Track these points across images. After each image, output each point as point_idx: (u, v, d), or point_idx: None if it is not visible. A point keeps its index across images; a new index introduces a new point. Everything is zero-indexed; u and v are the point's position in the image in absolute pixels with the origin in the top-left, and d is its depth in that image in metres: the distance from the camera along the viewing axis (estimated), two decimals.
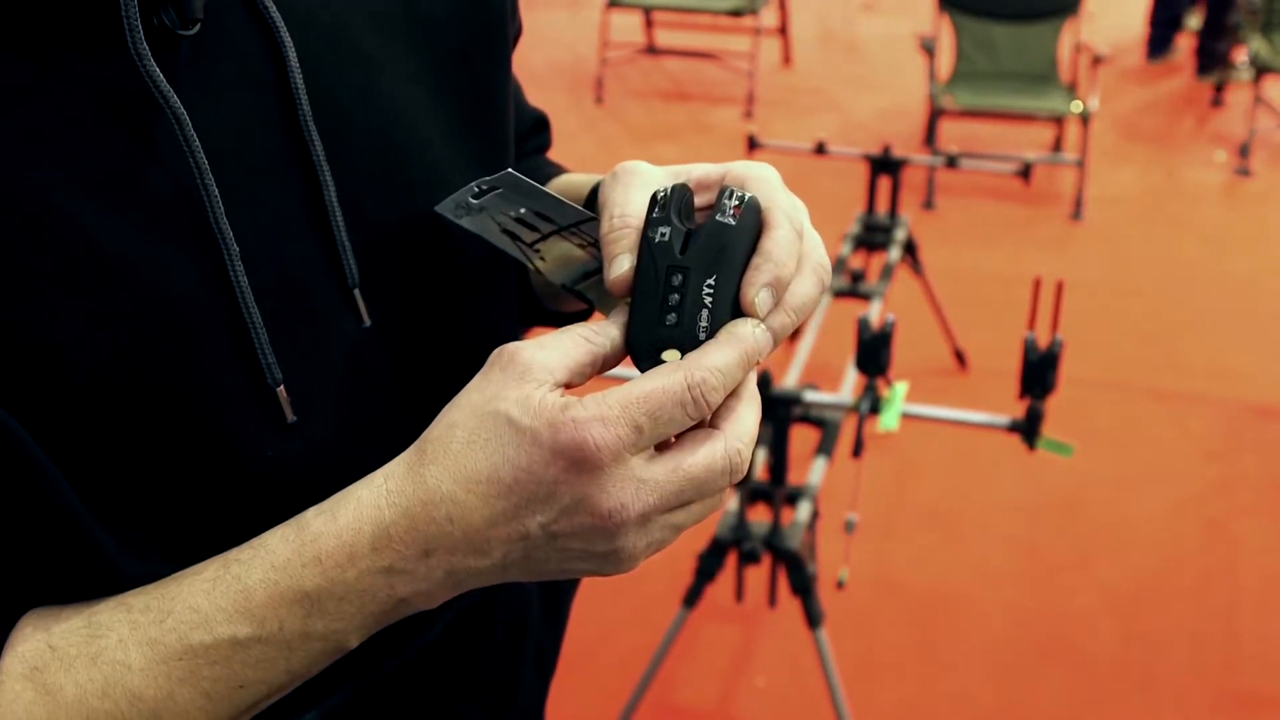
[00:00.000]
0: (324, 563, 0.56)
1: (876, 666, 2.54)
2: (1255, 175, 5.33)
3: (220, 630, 0.55)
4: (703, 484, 0.56)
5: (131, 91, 0.56)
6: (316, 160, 0.62)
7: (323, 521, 0.57)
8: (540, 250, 0.66)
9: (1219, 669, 2.55)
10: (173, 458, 0.58)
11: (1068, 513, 3.06)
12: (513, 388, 0.55)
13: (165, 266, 0.57)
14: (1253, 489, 3.17)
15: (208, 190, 0.57)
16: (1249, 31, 5.67)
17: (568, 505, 0.55)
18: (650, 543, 0.57)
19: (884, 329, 2.05)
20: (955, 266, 4.18)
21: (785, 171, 0.63)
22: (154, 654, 0.55)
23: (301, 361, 0.61)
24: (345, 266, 0.63)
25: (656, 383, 0.55)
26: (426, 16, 0.70)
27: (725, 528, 2.17)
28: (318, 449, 0.62)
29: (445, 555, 0.56)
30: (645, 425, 0.54)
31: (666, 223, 0.59)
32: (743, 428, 0.58)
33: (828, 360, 3.23)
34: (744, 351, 0.57)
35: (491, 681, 0.81)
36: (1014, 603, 2.75)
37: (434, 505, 0.55)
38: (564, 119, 6.00)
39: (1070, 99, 5.03)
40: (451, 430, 0.56)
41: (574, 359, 0.58)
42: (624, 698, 2.31)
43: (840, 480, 2.57)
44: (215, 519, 0.60)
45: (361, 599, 0.56)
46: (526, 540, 0.56)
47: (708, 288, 0.58)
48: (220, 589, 0.56)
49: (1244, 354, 3.83)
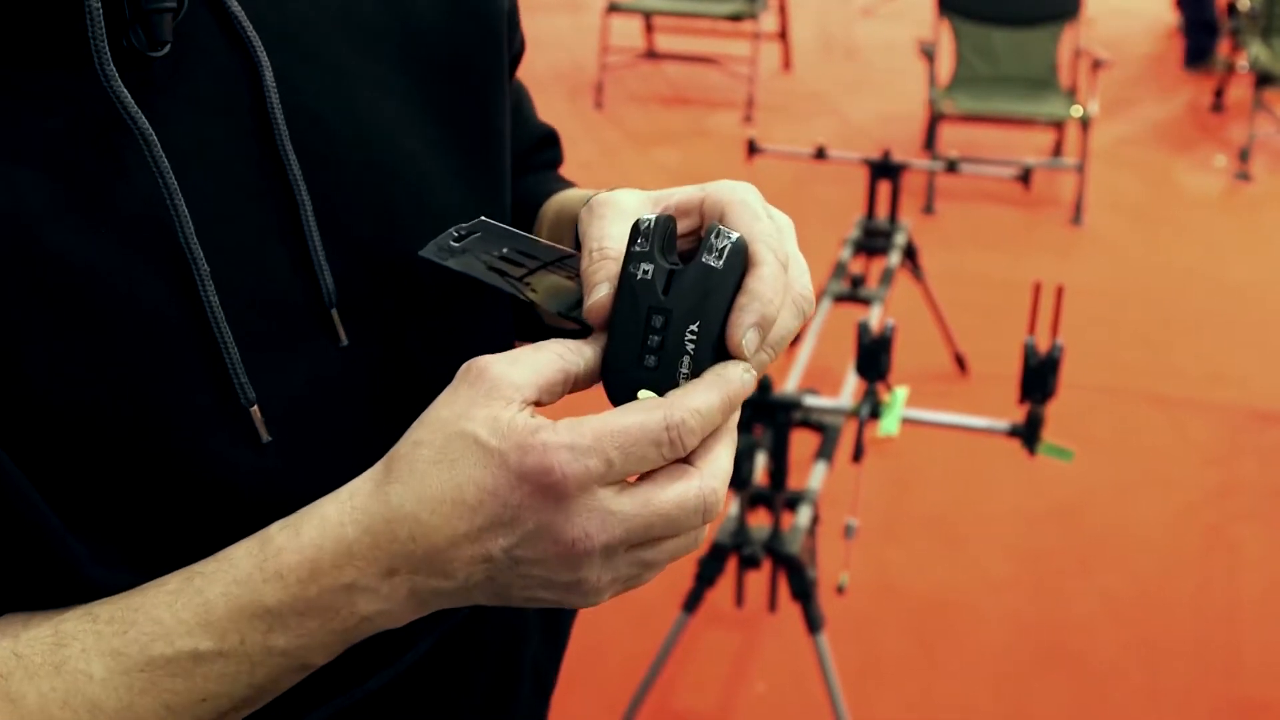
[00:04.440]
0: (286, 578, 0.55)
1: (877, 672, 2.54)
2: (1255, 180, 5.33)
3: (181, 643, 0.55)
4: (673, 521, 0.55)
5: (101, 112, 0.56)
6: (293, 179, 0.62)
7: (286, 536, 0.56)
8: (530, 283, 0.65)
9: (1219, 674, 2.55)
10: (143, 472, 0.57)
11: (1068, 518, 3.06)
12: (481, 406, 0.54)
13: (135, 285, 0.56)
14: (1253, 494, 3.17)
15: (176, 209, 0.57)
16: (1249, 36, 5.68)
17: (531, 531, 0.54)
18: (616, 578, 0.56)
19: (884, 334, 2.05)
20: (955, 271, 4.18)
21: (785, 176, 0.62)
22: (115, 665, 0.55)
23: (277, 381, 0.61)
24: (322, 286, 0.63)
25: (635, 419, 0.54)
26: (418, 32, 0.70)
27: (725, 532, 2.17)
28: (294, 467, 0.62)
29: (408, 575, 0.55)
30: (617, 460, 0.53)
31: (649, 259, 0.58)
32: (718, 466, 0.56)
33: (828, 365, 3.23)
34: (728, 395, 0.56)
35: (484, 701, 0.80)
36: (1014, 608, 2.75)
37: (397, 524, 0.55)
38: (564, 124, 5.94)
39: (1070, 104, 5.03)
40: (417, 448, 0.55)
41: (545, 377, 0.56)
42: (624, 703, 2.30)
43: (840, 485, 2.57)
44: (188, 532, 0.59)
45: (324, 616, 0.55)
46: (490, 563, 0.55)
47: (690, 333, 0.57)
48: (182, 601, 0.55)
49: (1244, 359, 3.83)
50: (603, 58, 6.26)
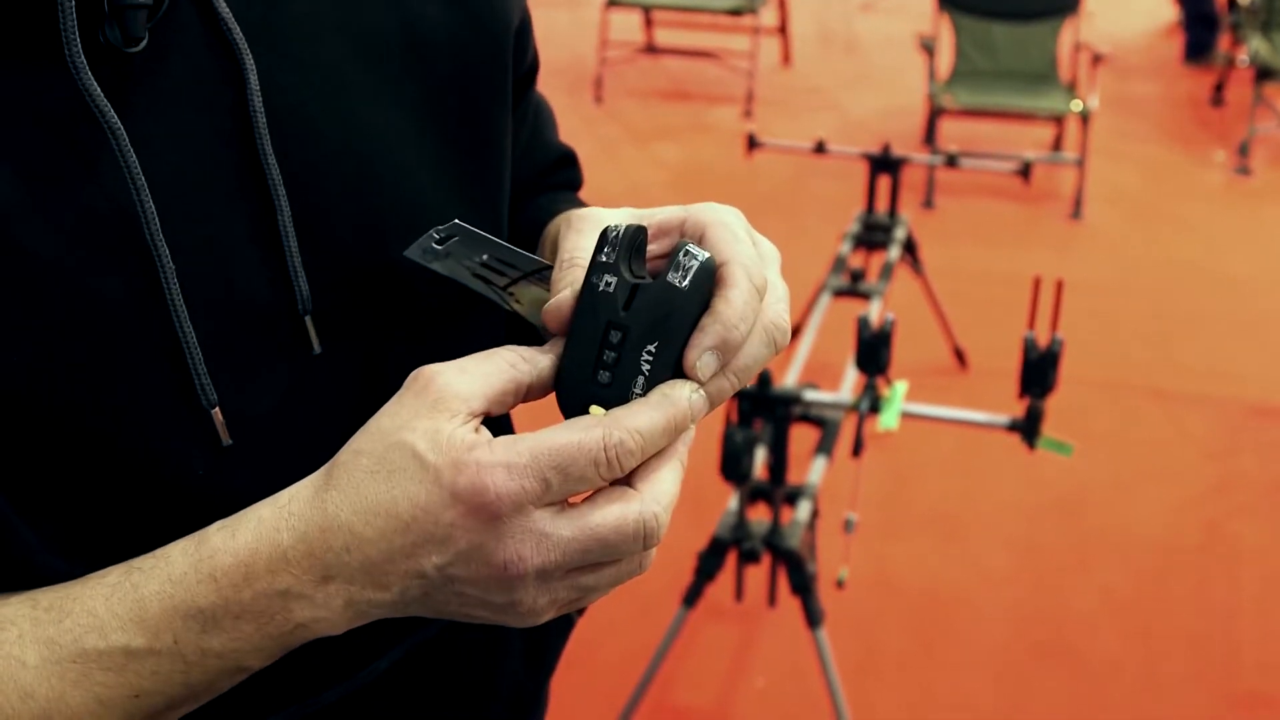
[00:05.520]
0: (219, 581, 0.54)
1: (876, 666, 2.54)
2: (1255, 174, 5.33)
3: (114, 638, 0.54)
4: (611, 546, 0.54)
5: (70, 105, 0.56)
6: (271, 183, 0.61)
7: (222, 538, 0.55)
8: (514, 293, 0.64)
9: (1218, 669, 2.55)
10: (97, 466, 0.57)
11: (1067, 513, 3.06)
12: (424, 417, 0.53)
13: (98, 279, 0.56)
14: (1252, 489, 3.17)
15: (143, 205, 0.56)
16: (1248, 31, 5.67)
17: (464, 550, 0.53)
18: (555, 600, 0.55)
19: (884, 328, 2.05)
20: (955, 266, 4.18)
21: (785, 171, 0.62)
22: (49, 653, 0.54)
23: (242, 384, 0.60)
24: (296, 292, 0.62)
25: (573, 436, 0.53)
26: (423, 43, 0.69)
27: (725, 527, 2.17)
28: (255, 472, 0.61)
29: (344, 584, 0.54)
30: (553, 480, 0.52)
31: (613, 270, 0.56)
32: (661, 490, 0.55)
33: (827, 359, 3.23)
34: (672, 416, 0.55)
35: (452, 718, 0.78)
36: (1013, 603, 2.75)
37: (331, 533, 0.54)
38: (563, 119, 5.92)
39: (1070, 98, 5.03)
40: (358, 457, 0.55)
41: (494, 387, 0.55)
42: (623, 697, 2.30)
43: (840, 479, 2.57)
44: (140, 528, 0.59)
45: (258, 620, 0.55)
46: (423, 579, 0.54)
47: (647, 353, 0.55)
48: (118, 596, 0.55)
49: (1243, 354, 3.83)
50: (602, 52, 6.25)
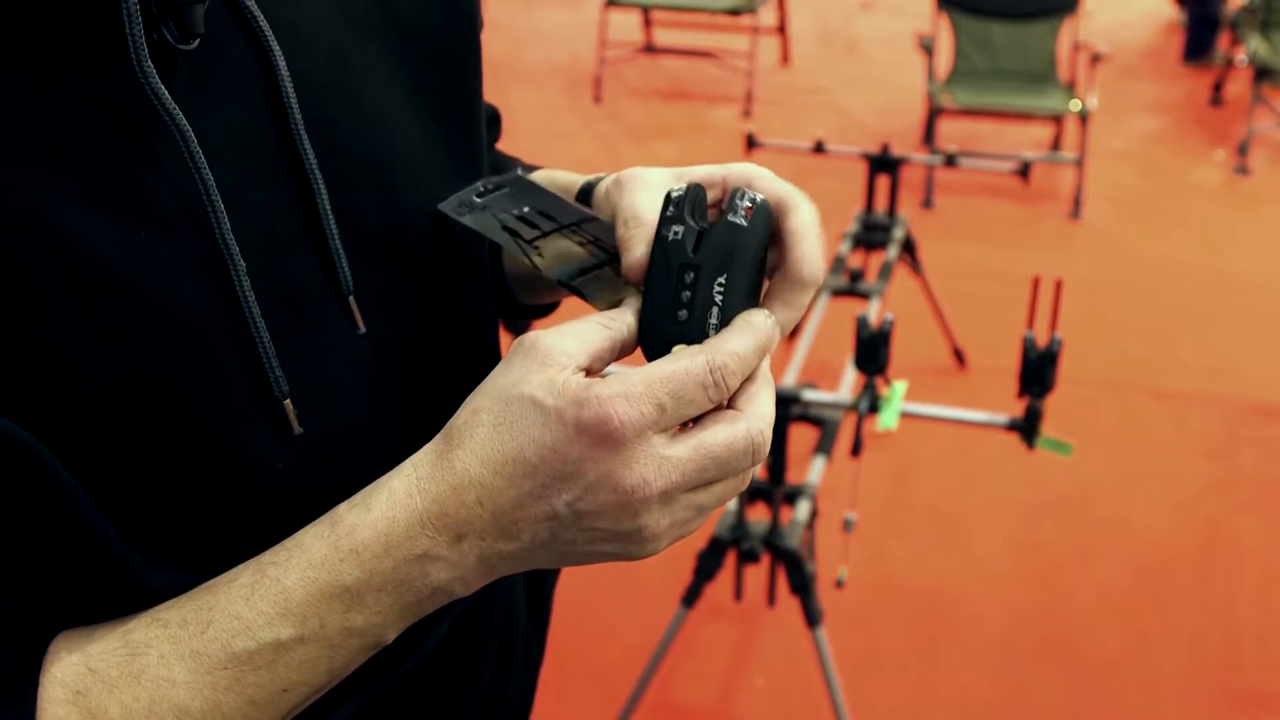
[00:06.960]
0: (361, 554, 0.56)
1: (876, 666, 2.54)
2: (1254, 174, 5.33)
3: (263, 634, 0.56)
4: (725, 463, 0.57)
5: (134, 107, 0.55)
6: (309, 169, 0.62)
7: (356, 514, 0.57)
8: (539, 247, 0.68)
9: (1218, 667, 2.55)
10: (186, 474, 0.58)
11: (1067, 512, 3.06)
12: (537, 372, 0.56)
13: (173, 284, 0.56)
14: (1252, 488, 3.17)
15: (214, 206, 0.57)
16: (1247, 30, 5.67)
17: (592, 482, 0.55)
18: (674, 522, 0.58)
19: (883, 327, 2.05)
20: (954, 265, 4.18)
21: (784, 171, 0.64)
22: (198, 666, 0.55)
23: (304, 372, 0.62)
24: (340, 274, 0.63)
25: (680, 364, 0.56)
26: (402, 17, 0.70)
27: (724, 527, 2.17)
28: (322, 458, 0.62)
29: (476, 539, 0.57)
30: (668, 404, 0.55)
31: (680, 221, 0.61)
32: (762, 408, 0.59)
33: (826, 359, 3.23)
34: (759, 338, 0.59)
35: (488, 679, 0.81)
36: (1013, 602, 2.75)
37: (463, 489, 0.56)
38: (562, 118, 6.00)
39: (1069, 97, 5.03)
40: (477, 415, 0.57)
41: (594, 345, 0.59)
42: (623, 697, 2.30)
43: (839, 479, 2.57)
44: (232, 531, 0.59)
45: (399, 590, 0.57)
46: (554, 520, 0.56)
47: (719, 286, 0.60)
48: (259, 593, 0.56)
49: (1243, 353, 3.83)
50: (601, 52, 6.25)
